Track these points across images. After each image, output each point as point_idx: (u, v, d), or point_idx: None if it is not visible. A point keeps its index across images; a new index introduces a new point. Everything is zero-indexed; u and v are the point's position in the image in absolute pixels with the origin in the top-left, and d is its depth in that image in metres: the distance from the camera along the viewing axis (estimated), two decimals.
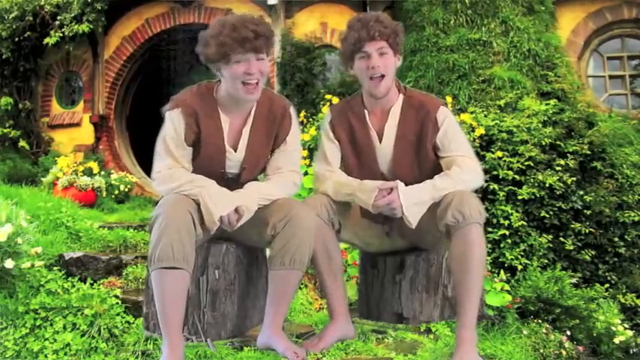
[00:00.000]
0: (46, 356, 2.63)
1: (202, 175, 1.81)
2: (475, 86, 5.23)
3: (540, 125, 4.65)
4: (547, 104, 4.84)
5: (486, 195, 4.34)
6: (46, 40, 6.56)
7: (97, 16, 6.47)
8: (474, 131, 4.49)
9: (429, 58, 5.45)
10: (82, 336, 2.69)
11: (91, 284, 3.03)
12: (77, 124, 6.99)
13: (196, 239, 1.72)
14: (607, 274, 4.43)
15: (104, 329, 2.73)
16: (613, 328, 3.92)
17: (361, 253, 2.20)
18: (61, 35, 6.48)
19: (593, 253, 4.45)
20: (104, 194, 5.61)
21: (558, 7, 5.99)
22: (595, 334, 3.93)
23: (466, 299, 1.74)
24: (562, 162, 4.51)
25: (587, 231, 4.42)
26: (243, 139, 1.87)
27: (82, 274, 3.21)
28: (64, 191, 5.24)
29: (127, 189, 6.00)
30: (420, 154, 1.92)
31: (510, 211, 4.31)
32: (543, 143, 4.55)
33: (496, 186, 4.36)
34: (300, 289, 3.52)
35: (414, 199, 1.79)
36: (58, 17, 6.52)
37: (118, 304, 2.87)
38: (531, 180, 4.41)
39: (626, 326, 4.02)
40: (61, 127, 7.03)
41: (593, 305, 4.06)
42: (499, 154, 4.47)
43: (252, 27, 1.73)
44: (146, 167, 6.92)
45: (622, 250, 4.46)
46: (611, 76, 6.19)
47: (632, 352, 3.97)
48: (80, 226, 3.82)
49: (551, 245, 4.37)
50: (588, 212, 4.47)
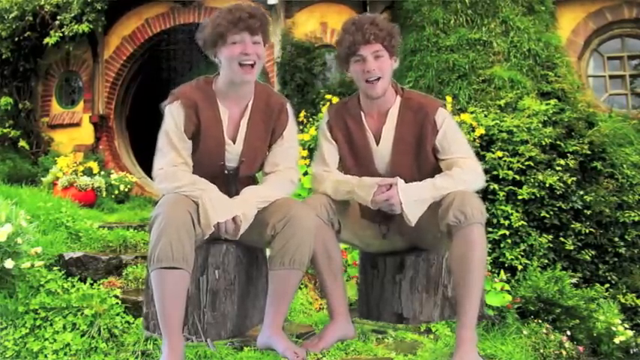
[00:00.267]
0: (45, 356, 2.62)
1: (202, 168, 1.82)
2: (475, 86, 5.23)
3: (540, 125, 4.65)
4: (547, 104, 4.84)
5: (486, 195, 4.33)
6: (46, 40, 6.56)
7: (97, 16, 6.47)
8: (474, 131, 4.49)
9: (429, 58, 5.45)
10: (82, 336, 2.69)
11: (91, 284, 3.03)
12: (77, 124, 6.99)
13: (196, 239, 1.72)
14: (607, 274, 4.43)
15: (104, 329, 2.73)
16: (613, 328, 3.92)
17: (361, 253, 2.20)
18: (60, 35, 6.49)
19: (594, 253, 4.45)
20: (104, 194, 5.61)
21: (558, 7, 5.99)
22: (595, 334, 3.93)
23: (466, 299, 1.74)
24: (562, 162, 4.52)
25: (587, 231, 4.42)
26: (241, 131, 1.88)
27: (82, 274, 3.21)
28: (63, 191, 5.24)
29: (126, 189, 6.01)
30: (419, 157, 1.92)
31: (510, 211, 4.31)
32: (543, 143, 4.55)
33: (496, 186, 4.36)
34: (300, 289, 3.51)
35: (413, 196, 1.79)
36: (58, 17, 6.52)
37: (117, 304, 2.86)
38: (531, 180, 4.41)
39: (627, 326, 4.02)
40: (61, 127, 7.03)
41: (594, 305, 4.06)
42: (499, 154, 4.47)
43: (247, 9, 1.78)
44: (146, 167, 6.91)
45: (622, 250, 4.46)
46: (611, 76, 6.18)
47: (632, 352, 3.96)
48: (80, 226, 3.81)
49: (551, 245, 4.37)
50: (588, 212, 4.47)
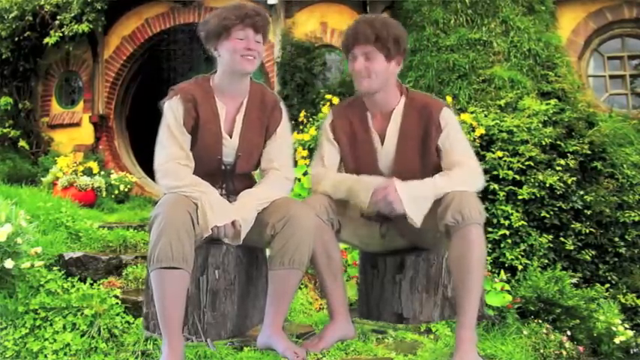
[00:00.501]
0: (45, 356, 2.62)
1: (200, 163, 1.84)
2: (475, 86, 5.23)
3: (540, 125, 4.65)
4: (547, 104, 4.84)
5: (486, 195, 4.33)
6: (46, 39, 6.55)
7: (97, 16, 6.46)
8: (474, 131, 4.49)
9: (429, 57, 5.45)
10: (82, 336, 2.69)
11: (91, 284, 3.02)
12: (77, 124, 6.98)
13: (195, 239, 1.72)
14: (607, 274, 4.43)
15: (104, 329, 2.73)
16: (613, 329, 3.92)
17: (361, 253, 2.20)
18: (60, 35, 6.48)
19: (594, 253, 4.45)
20: (104, 194, 5.61)
21: (559, 7, 5.99)
22: (595, 334, 3.93)
23: (466, 299, 1.74)
24: (562, 162, 4.51)
25: (587, 231, 4.42)
26: (237, 126, 1.91)
27: (82, 274, 3.21)
28: (63, 191, 5.24)
29: (126, 189, 6.00)
30: (424, 157, 1.91)
31: (510, 211, 4.30)
32: (544, 143, 4.55)
33: (496, 186, 4.36)
34: (300, 289, 3.51)
35: (413, 194, 1.77)
36: (58, 17, 6.51)
37: (117, 304, 2.86)
38: (532, 180, 4.41)
39: (627, 326, 4.02)
40: (61, 127, 7.02)
41: (594, 305, 4.06)
42: (499, 153, 4.47)
43: (253, 7, 1.87)
44: (146, 167, 6.90)
45: (622, 250, 4.46)
46: (611, 76, 6.18)
47: (632, 353, 3.96)
48: (80, 226, 3.81)
49: (551, 245, 4.37)
50: (589, 212, 4.47)
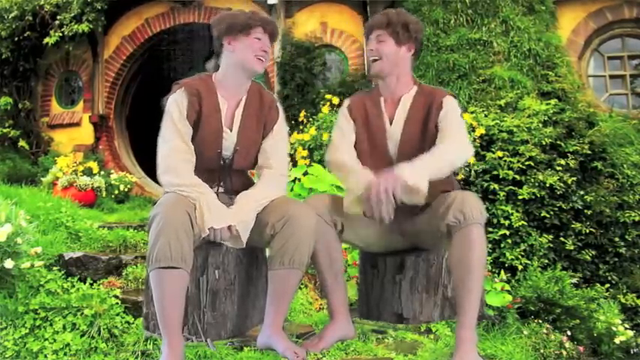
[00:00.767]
0: (45, 356, 2.62)
1: (200, 157, 1.86)
2: (475, 86, 5.23)
3: (541, 125, 4.65)
4: (547, 104, 4.84)
5: (487, 195, 4.34)
6: (46, 39, 6.55)
7: (97, 16, 6.47)
8: (474, 131, 4.49)
9: (429, 57, 5.45)
10: (82, 336, 2.69)
11: (91, 284, 3.02)
12: (77, 124, 6.98)
13: (194, 239, 1.72)
14: (607, 274, 4.43)
15: (104, 329, 2.72)
16: (613, 329, 3.92)
17: (361, 253, 2.20)
18: (60, 35, 6.48)
19: (594, 253, 4.45)
20: (104, 194, 5.61)
21: (559, 7, 5.98)
22: (595, 335, 3.93)
23: (466, 299, 1.74)
24: (562, 162, 4.51)
25: (587, 231, 4.42)
26: (237, 121, 1.95)
27: (82, 274, 3.20)
28: (63, 191, 5.24)
29: (126, 189, 6.00)
30: (425, 135, 1.97)
31: (511, 211, 4.30)
32: (544, 143, 4.54)
33: (496, 186, 4.36)
34: (300, 289, 3.51)
35: (407, 166, 1.75)
36: (58, 17, 6.51)
37: (117, 304, 2.86)
38: (532, 180, 4.41)
39: (627, 326, 4.02)
40: (61, 126, 7.02)
41: (594, 305, 4.06)
42: (499, 153, 4.47)
43: (272, 19, 2.06)
44: (146, 167, 6.91)
45: (622, 250, 4.46)
46: (611, 76, 6.17)
47: (632, 353, 3.96)
48: (80, 226, 3.81)
49: (551, 245, 4.37)
50: (589, 212, 4.47)
